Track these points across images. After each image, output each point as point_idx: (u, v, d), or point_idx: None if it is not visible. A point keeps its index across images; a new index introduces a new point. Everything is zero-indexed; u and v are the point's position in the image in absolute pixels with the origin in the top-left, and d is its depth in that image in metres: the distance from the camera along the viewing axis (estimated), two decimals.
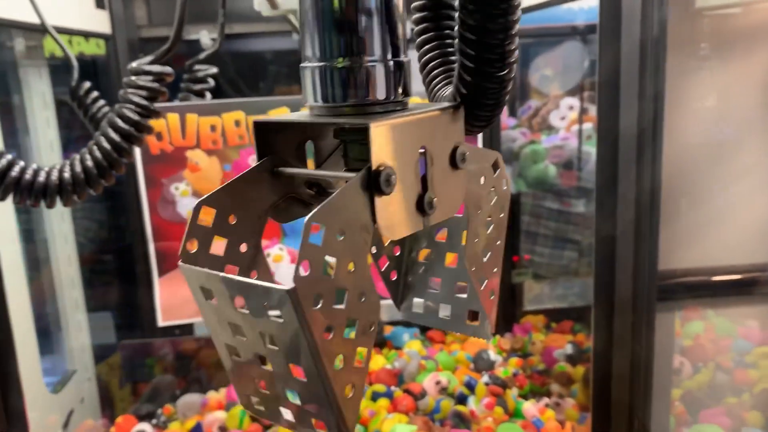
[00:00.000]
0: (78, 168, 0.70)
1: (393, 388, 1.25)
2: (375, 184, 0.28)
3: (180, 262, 0.29)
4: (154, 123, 0.71)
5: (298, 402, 0.29)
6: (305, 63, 0.30)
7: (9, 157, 0.67)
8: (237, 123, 1.07)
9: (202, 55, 0.98)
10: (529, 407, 1.21)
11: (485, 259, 0.37)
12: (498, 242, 0.38)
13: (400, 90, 0.31)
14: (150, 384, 1.38)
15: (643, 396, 0.93)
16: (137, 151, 1.08)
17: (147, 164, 1.09)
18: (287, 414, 0.30)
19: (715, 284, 1.02)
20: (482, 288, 0.37)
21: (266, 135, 0.32)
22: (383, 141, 0.28)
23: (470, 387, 1.25)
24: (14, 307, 0.96)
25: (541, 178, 1.75)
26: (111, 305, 1.56)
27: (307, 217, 0.26)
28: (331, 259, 0.27)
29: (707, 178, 1.03)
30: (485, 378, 1.27)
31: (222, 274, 0.28)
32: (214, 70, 0.99)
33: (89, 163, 0.70)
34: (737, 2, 1.01)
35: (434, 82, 0.36)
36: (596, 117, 0.90)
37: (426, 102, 0.35)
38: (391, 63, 0.30)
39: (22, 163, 0.68)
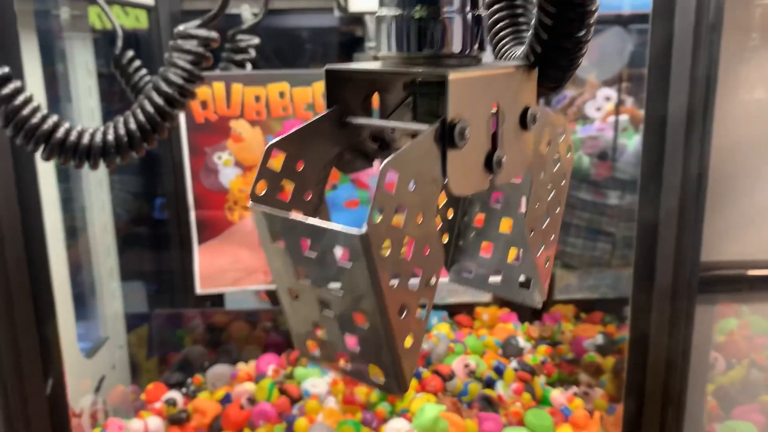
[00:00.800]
0: (122, 130, 0.71)
1: (421, 368, 1.25)
2: (449, 136, 0.28)
3: (250, 203, 0.29)
4: (200, 91, 0.72)
5: (356, 349, 0.29)
6: (381, 11, 0.30)
7: (54, 118, 0.68)
8: (281, 94, 1.07)
9: (244, 26, 0.99)
10: (557, 395, 1.21)
11: (544, 225, 0.37)
12: (557, 209, 0.37)
13: (476, 44, 0.30)
14: (180, 354, 1.40)
15: (678, 389, 0.92)
16: (182, 119, 1.08)
17: (191, 132, 1.10)
18: (343, 360, 0.31)
19: (753, 279, 1.01)
20: (539, 254, 0.37)
21: (336, 85, 0.32)
22: (460, 93, 0.28)
23: (499, 372, 1.25)
24: (53, 273, 0.98)
25: (575, 168, 1.73)
26: (145, 275, 1.58)
27: (383, 164, 0.26)
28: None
29: (752, 171, 1.01)
30: (513, 364, 1.27)
31: (292, 215, 0.28)
32: (256, 40, 0.99)
33: (132, 125, 0.71)
34: None
35: (503, 41, 0.35)
36: (644, 102, 0.89)
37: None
38: (469, 16, 0.29)
39: (67, 125, 0.69)
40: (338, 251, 0.27)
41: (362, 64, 0.31)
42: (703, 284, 0.93)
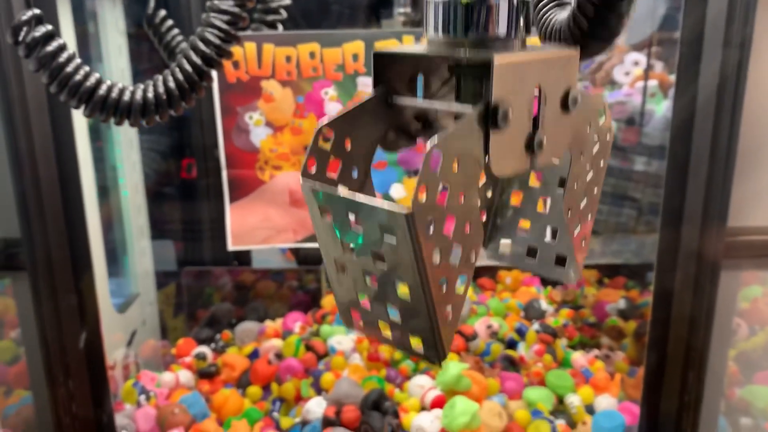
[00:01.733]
0: (161, 89, 0.73)
1: None
2: (492, 118, 0.29)
3: (301, 180, 0.31)
4: (233, 50, 0.73)
5: (398, 320, 0.31)
6: None
7: (97, 75, 0.70)
8: (312, 55, 1.08)
9: None
10: (578, 357, 1.23)
11: (582, 205, 0.38)
12: (595, 190, 0.38)
13: (521, 28, 0.31)
14: (209, 311, 1.44)
15: (700, 349, 0.93)
16: (214, 79, 1.09)
17: (223, 92, 1.12)
18: (386, 331, 0.32)
19: None
20: (576, 233, 0.38)
21: (383, 66, 0.32)
22: (504, 77, 0.29)
23: (521, 333, 1.27)
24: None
25: None
26: (174, 233, 1.61)
27: (428, 144, 0.27)
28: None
29: None
30: (535, 326, 1.29)
31: (341, 191, 0.29)
32: (287, 1, 0.99)
33: (171, 84, 0.72)
34: None
35: (544, 10, 0.36)
36: (676, 66, 0.88)
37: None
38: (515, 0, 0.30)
39: (108, 82, 0.71)
40: (384, 227, 0.28)
41: (409, 47, 0.32)
42: (729, 249, 0.93)
